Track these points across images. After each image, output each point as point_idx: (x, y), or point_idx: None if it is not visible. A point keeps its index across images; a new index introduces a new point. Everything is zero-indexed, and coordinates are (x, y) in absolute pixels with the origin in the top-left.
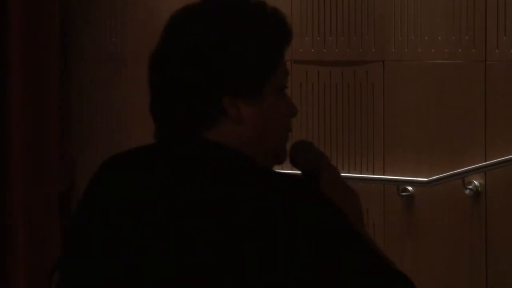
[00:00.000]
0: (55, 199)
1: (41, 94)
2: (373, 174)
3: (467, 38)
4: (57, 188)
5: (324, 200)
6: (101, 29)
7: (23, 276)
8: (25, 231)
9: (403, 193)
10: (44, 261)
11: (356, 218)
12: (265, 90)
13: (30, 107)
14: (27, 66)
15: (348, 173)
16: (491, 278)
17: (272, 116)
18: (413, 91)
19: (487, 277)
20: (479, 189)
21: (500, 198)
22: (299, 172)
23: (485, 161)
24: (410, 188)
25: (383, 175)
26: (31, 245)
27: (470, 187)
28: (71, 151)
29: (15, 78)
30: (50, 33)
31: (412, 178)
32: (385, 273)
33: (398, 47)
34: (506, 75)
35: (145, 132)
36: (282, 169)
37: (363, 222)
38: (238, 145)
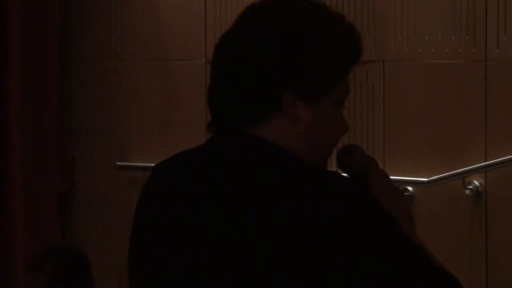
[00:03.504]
0: (55, 199)
1: (41, 94)
2: None
3: (467, 38)
4: (57, 188)
5: (371, 202)
6: (101, 28)
7: (23, 276)
8: (25, 231)
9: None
10: None
11: (406, 219)
12: (325, 98)
13: (30, 107)
14: (27, 66)
15: None
16: (491, 278)
17: (325, 125)
18: (413, 91)
19: (487, 277)
20: (479, 189)
21: (500, 198)
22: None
23: (485, 161)
24: (410, 188)
25: None
26: (31, 245)
27: (470, 187)
28: (71, 151)
29: (15, 78)
30: (50, 33)
31: (412, 178)
32: (431, 274)
33: (398, 47)
34: (506, 75)
35: (145, 131)
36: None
37: (412, 223)
38: (286, 145)
